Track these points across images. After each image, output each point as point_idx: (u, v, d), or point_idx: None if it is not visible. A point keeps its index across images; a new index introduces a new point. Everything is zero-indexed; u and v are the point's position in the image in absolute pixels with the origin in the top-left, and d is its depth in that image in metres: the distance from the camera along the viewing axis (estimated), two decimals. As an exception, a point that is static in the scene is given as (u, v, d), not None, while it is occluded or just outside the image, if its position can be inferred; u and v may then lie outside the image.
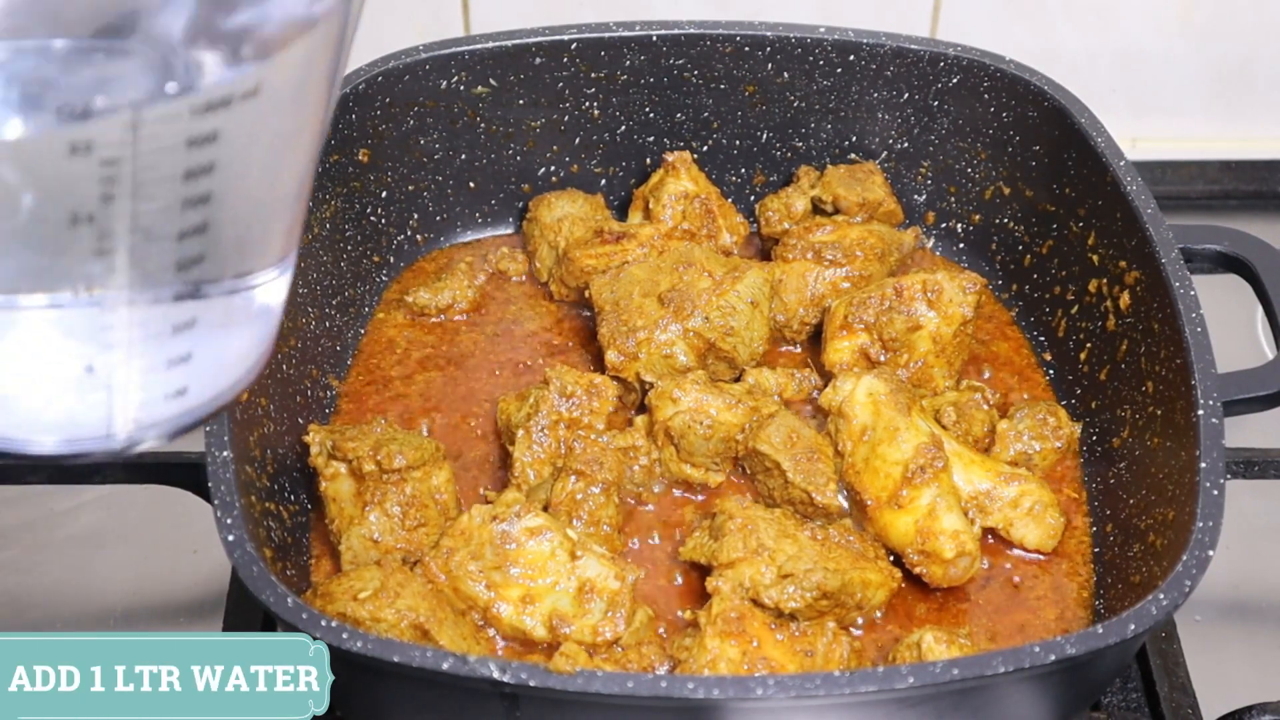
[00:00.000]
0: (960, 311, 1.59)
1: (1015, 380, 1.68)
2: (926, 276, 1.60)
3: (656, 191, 1.73)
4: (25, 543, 1.72)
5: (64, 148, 0.83)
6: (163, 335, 0.98)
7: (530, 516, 1.38)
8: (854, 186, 1.75)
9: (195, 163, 0.88)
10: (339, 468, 1.44)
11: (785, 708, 1.19)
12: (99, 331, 0.96)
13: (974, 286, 1.60)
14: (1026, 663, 1.18)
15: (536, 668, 1.17)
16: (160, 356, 0.98)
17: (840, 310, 1.61)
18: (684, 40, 1.72)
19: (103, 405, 0.99)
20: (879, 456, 1.47)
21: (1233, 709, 1.45)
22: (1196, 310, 1.44)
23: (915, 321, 1.59)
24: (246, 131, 0.90)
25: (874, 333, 1.59)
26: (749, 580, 1.36)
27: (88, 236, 0.89)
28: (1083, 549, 1.51)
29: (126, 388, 0.98)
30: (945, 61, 1.71)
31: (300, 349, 1.56)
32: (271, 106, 0.91)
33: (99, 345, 0.96)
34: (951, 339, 1.60)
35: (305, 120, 0.95)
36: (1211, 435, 1.35)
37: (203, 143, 0.87)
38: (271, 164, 0.95)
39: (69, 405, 0.99)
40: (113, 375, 0.97)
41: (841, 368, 1.59)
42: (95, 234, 0.89)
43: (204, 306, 0.97)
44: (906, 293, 1.59)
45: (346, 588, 1.32)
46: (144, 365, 0.97)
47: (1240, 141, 2.18)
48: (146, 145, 0.85)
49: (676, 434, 1.49)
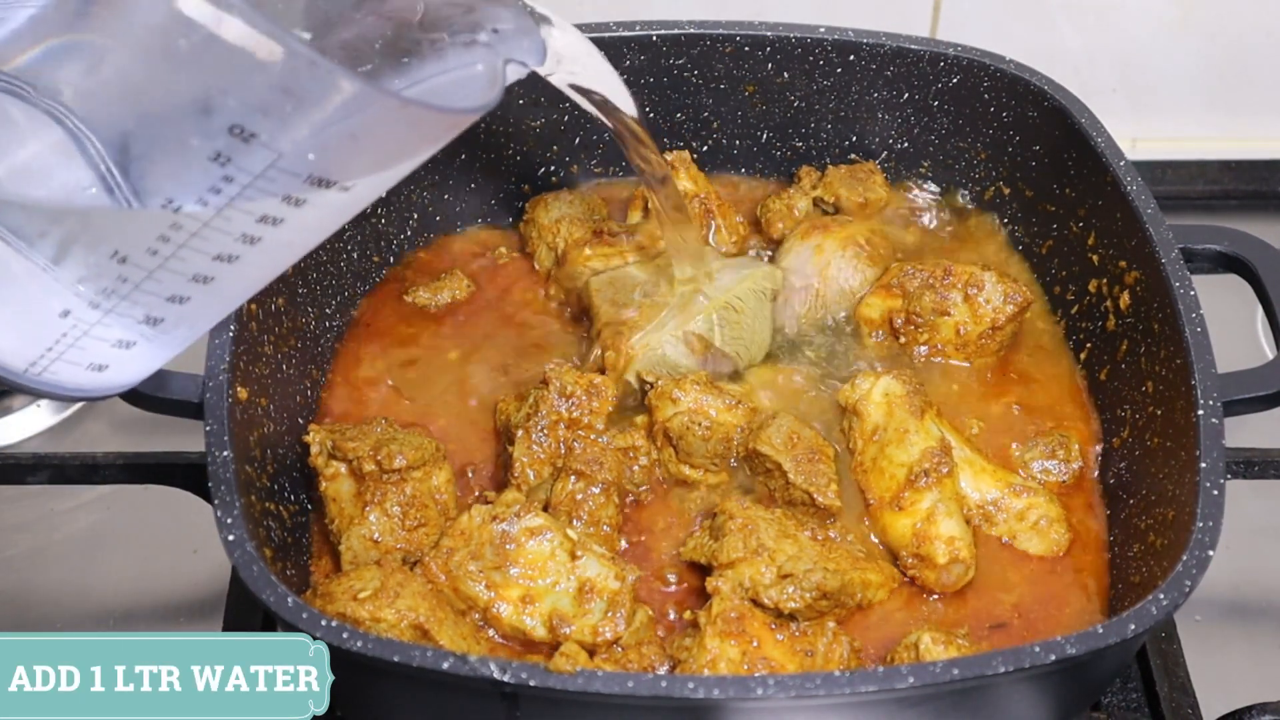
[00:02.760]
0: (990, 315, 1.59)
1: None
2: (976, 270, 1.61)
3: (655, 191, 1.73)
4: (25, 543, 1.72)
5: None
6: (133, 320, 1.00)
7: (530, 516, 1.38)
8: (855, 187, 1.76)
9: (251, 233, 0.97)
10: (339, 468, 1.44)
11: (785, 708, 1.19)
12: (104, 288, 0.98)
13: (1017, 298, 1.60)
14: (1026, 662, 1.18)
15: (536, 668, 1.17)
16: (118, 335, 1.01)
17: (893, 270, 1.63)
18: (684, 40, 1.72)
19: (45, 345, 1.03)
20: (886, 457, 1.48)
21: (1233, 709, 1.45)
22: (1196, 310, 1.44)
23: (944, 307, 1.60)
24: (293, 229, 0.98)
25: (907, 301, 1.60)
26: (749, 580, 1.36)
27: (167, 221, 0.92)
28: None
29: (75, 343, 1.01)
30: (945, 61, 1.71)
31: (300, 349, 1.56)
32: (325, 219, 0.99)
33: (92, 299, 0.99)
34: (976, 339, 1.60)
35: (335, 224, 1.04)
36: (1211, 435, 1.34)
37: (271, 223, 0.97)
38: (288, 258, 1.04)
39: (22, 330, 1.01)
40: (76, 328, 1.01)
41: (867, 321, 1.63)
42: (170, 223, 0.92)
43: (178, 314, 1.01)
44: (952, 277, 1.60)
45: (346, 588, 1.32)
46: (102, 333, 1.01)
47: (1240, 141, 2.18)
48: (247, 198, 0.94)
49: (675, 434, 1.49)
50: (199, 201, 0.94)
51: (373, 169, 1.01)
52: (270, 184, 0.93)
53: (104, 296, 1.00)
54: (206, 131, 0.90)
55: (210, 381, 1.34)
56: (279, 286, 1.52)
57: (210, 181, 0.93)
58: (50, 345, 1.03)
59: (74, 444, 1.80)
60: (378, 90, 0.91)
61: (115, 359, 1.05)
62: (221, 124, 0.90)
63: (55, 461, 1.61)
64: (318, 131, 0.91)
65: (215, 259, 0.98)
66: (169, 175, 0.94)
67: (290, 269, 1.54)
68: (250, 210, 0.95)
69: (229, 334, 1.37)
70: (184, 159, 0.92)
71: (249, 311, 1.42)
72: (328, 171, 0.94)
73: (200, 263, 0.98)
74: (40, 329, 1.02)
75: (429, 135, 1.02)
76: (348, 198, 0.98)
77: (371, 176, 1.01)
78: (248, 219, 0.96)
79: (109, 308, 1.01)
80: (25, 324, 1.02)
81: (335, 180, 0.95)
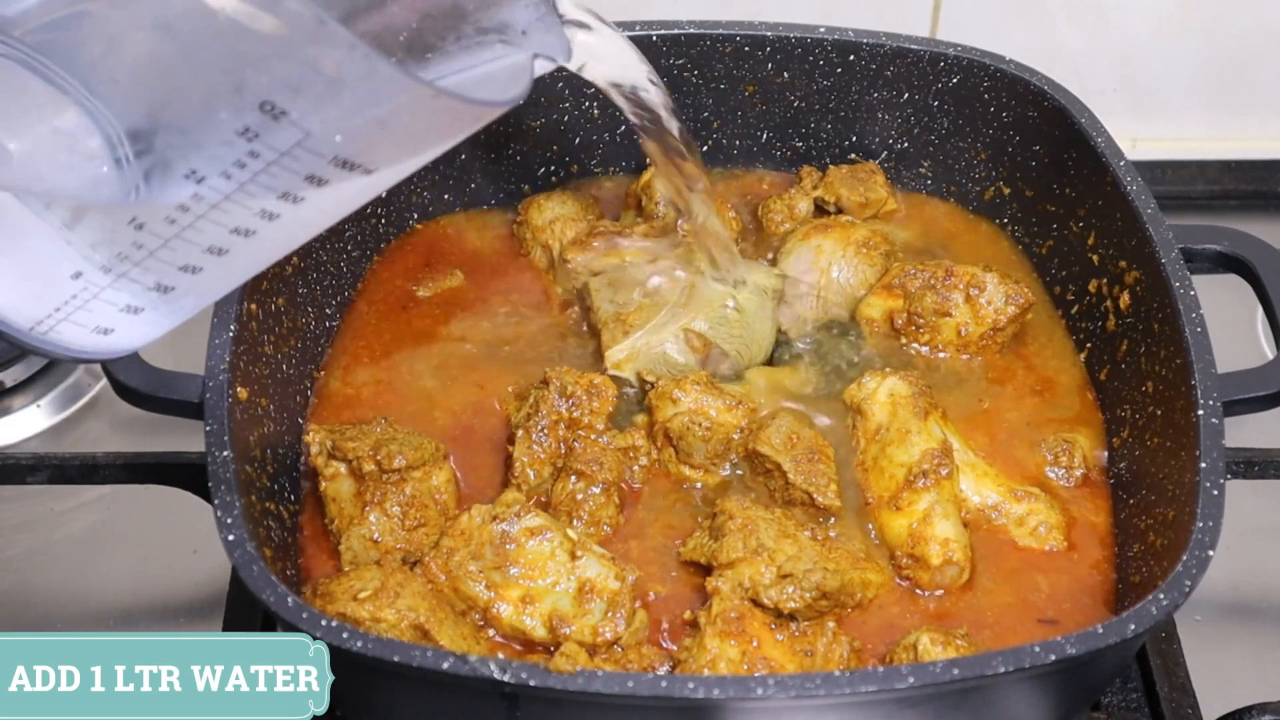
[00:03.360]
0: (992, 316, 1.60)
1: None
2: (978, 271, 1.61)
3: (648, 189, 1.73)
4: (25, 543, 1.72)
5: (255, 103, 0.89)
6: (143, 286, 1.01)
7: (530, 516, 1.38)
8: (856, 187, 1.76)
9: (269, 210, 0.98)
10: (339, 467, 1.44)
11: (785, 707, 1.19)
12: (119, 253, 0.98)
13: (1019, 299, 1.60)
14: (1026, 663, 1.18)
15: (536, 667, 1.17)
16: (127, 300, 1.02)
17: (894, 270, 1.64)
18: (684, 40, 1.72)
19: (53, 305, 1.03)
20: (887, 457, 1.48)
21: (1233, 709, 1.45)
22: (1196, 310, 1.44)
23: (946, 308, 1.60)
24: (312, 208, 0.99)
25: (908, 302, 1.61)
26: (749, 580, 1.36)
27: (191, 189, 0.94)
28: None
29: (83, 305, 1.02)
30: (945, 61, 1.71)
31: (300, 349, 1.56)
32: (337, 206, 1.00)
33: (105, 264, 0.99)
34: (977, 339, 1.60)
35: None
36: (1211, 435, 1.34)
37: (291, 200, 0.97)
38: (303, 236, 1.05)
39: (31, 290, 1.01)
40: (86, 290, 1.01)
41: (868, 321, 1.63)
42: (191, 193, 0.92)
43: (189, 284, 1.01)
44: (954, 278, 1.61)
45: (346, 588, 1.32)
46: (112, 297, 1.01)
47: (1240, 141, 2.18)
48: (276, 171, 0.94)
49: (675, 435, 1.49)
50: (223, 175, 0.94)
51: (398, 155, 1.01)
52: (295, 162, 0.93)
53: (118, 261, 1.00)
54: (237, 106, 0.90)
55: (210, 381, 1.34)
56: (279, 286, 1.52)
57: (236, 155, 0.93)
58: (59, 306, 1.03)
59: (74, 444, 1.80)
60: (412, 78, 0.91)
61: (122, 323, 1.05)
62: (253, 99, 0.90)
63: (55, 461, 1.61)
64: (348, 115, 0.92)
65: (232, 232, 0.98)
66: (194, 145, 0.93)
67: (291, 270, 1.54)
68: (273, 186, 0.95)
69: (229, 334, 1.37)
70: (211, 131, 0.92)
71: (249, 311, 1.42)
72: (353, 154, 0.94)
73: (217, 235, 0.98)
74: (50, 289, 1.02)
75: (457, 125, 1.02)
76: (368, 181, 0.98)
77: (395, 162, 1.01)
78: (269, 195, 0.96)
79: (121, 272, 1.01)
80: (35, 283, 1.02)
81: (359, 164, 0.95)
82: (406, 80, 0.90)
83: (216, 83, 0.90)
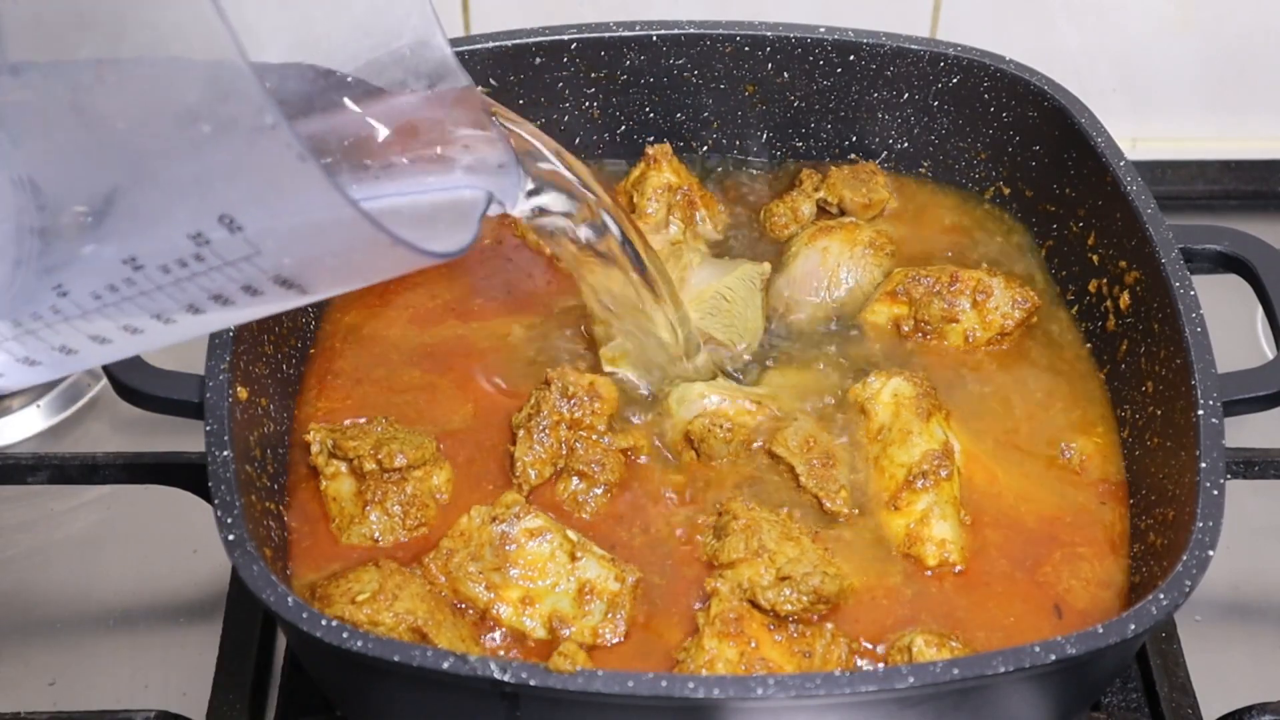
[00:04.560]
0: (999, 320, 1.60)
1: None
2: (984, 276, 1.61)
3: (639, 185, 1.73)
4: (25, 543, 1.72)
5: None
6: (48, 346, 1.01)
7: (530, 517, 1.38)
8: (858, 188, 1.76)
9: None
10: (339, 467, 1.44)
11: (785, 707, 1.19)
12: (33, 313, 0.99)
13: (1025, 303, 1.60)
14: (1026, 662, 1.18)
15: (536, 667, 1.17)
16: (25, 354, 1.01)
17: (897, 277, 1.64)
18: (684, 40, 1.72)
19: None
20: (888, 457, 1.48)
21: (1233, 709, 1.45)
22: (1196, 310, 1.44)
23: (953, 314, 1.61)
24: (239, 312, 1.00)
25: (914, 308, 1.61)
26: (747, 581, 1.36)
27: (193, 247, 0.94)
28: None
29: (54, 327, 1.01)
30: (945, 61, 1.71)
31: (300, 349, 1.56)
32: None
33: (16, 318, 0.99)
34: (984, 344, 1.61)
35: None
36: (1211, 435, 1.35)
37: (220, 301, 0.97)
38: (220, 328, 1.09)
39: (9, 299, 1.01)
40: (62, 315, 1.01)
41: (873, 328, 1.63)
42: (124, 277, 0.92)
43: (94, 351, 1.02)
44: (959, 283, 1.61)
45: (345, 590, 1.32)
46: (12, 349, 1.01)
47: (1240, 141, 2.18)
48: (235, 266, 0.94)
49: (697, 438, 1.49)
50: (162, 269, 0.94)
51: (336, 282, 1.04)
52: (237, 273, 0.94)
53: (30, 319, 1.00)
54: (196, 209, 0.90)
55: (210, 381, 1.34)
56: (279, 286, 1.52)
57: (179, 254, 0.93)
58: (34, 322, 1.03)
59: (74, 444, 1.80)
60: (376, 226, 0.91)
61: (11, 370, 1.05)
62: (214, 208, 0.90)
63: (55, 461, 1.61)
64: (302, 241, 0.92)
65: (154, 317, 0.99)
66: (138, 234, 0.93)
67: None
68: (207, 288, 0.95)
69: (229, 334, 1.37)
70: (162, 226, 0.92)
71: (249, 311, 1.42)
72: (296, 276, 0.95)
73: (137, 317, 0.99)
74: None
75: (402, 266, 1.04)
76: (300, 298, 1.00)
77: (332, 287, 1.04)
78: (202, 294, 0.96)
79: (29, 329, 1.01)
80: None
81: (299, 285, 0.96)
82: (369, 227, 0.91)
83: (180, 183, 0.90)
